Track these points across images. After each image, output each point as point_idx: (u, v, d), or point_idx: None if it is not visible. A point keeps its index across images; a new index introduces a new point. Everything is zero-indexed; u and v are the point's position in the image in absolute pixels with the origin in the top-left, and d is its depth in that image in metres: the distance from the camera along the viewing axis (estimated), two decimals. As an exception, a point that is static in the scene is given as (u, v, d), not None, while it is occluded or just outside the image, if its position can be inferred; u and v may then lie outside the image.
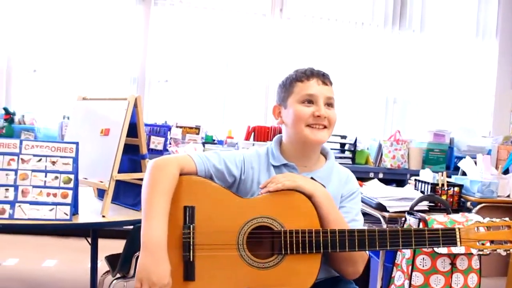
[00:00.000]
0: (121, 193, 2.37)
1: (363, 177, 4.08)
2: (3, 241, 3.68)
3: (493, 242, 1.38)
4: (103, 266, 2.39)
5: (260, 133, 4.33)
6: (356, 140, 4.43)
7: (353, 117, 5.02)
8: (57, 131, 4.12)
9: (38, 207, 1.94)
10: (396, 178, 4.37)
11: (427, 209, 2.66)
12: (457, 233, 1.38)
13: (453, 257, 2.37)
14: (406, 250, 2.45)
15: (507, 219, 1.42)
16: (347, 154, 4.48)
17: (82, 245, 2.83)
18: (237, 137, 4.42)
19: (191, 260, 1.38)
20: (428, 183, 2.83)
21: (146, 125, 3.77)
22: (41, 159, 1.98)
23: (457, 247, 1.41)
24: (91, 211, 2.18)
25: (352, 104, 5.04)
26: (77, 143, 2.03)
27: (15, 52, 4.54)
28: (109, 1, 4.64)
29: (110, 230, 3.62)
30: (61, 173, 1.99)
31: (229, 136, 4.42)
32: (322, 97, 1.52)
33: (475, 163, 3.06)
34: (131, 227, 1.97)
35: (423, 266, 2.36)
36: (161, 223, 1.34)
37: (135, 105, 2.22)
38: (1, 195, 1.91)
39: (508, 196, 2.92)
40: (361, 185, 2.99)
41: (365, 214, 2.86)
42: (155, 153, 3.67)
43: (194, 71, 4.78)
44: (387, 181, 3.98)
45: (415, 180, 3.00)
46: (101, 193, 2.40)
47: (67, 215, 1.96)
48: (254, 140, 4.31)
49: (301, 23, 4.94)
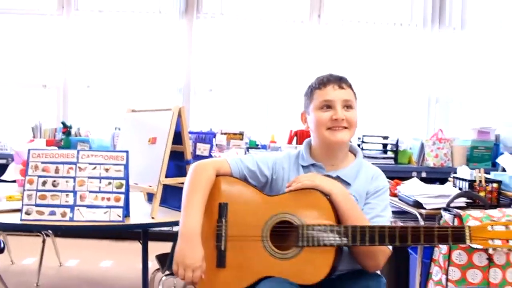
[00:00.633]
0: (169, 196, 2.54)
1: (406, 177, 4.10)
2: (65, 244, 3.96)
3: (508, 241, 1.38)
4: (154, 265, 2.57)
5: (302, 137, 4.45)
6: (398, 140, 4.47)
7: (395, 118, 5.05)
8: (109, 141, 4.40)
9: (94, 210, 2.14)
10: (439, 177, 4.34)
11: (465, 205, 2.68)
12: (467, 231, 1.40)
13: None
14: (442, 246, 2.50)
15: None
16: (390, 154, 4.52)
17: (135, 247, 3.04)
18: (279, 142, 4.55)
19: (223, 249, 1.57)
20: (465, 180, 2.85)
21: (192, 133, 3.95)
22: (95, 167, 2.18)
23: (466, 244, 1.42)
24: (141, 213, 2.37)
25: (393, 104, 5.07)
26: (127, 152, 2.22)
27: (70, 70, 4.89)
28: (154, 18, 4.90)
29: (160, 232, 3.84)
30: (113, 179, 2.18)
31: (272, 140, 4.56)
32: (339, 101, 1.64)
33: (515, 159, 3.05)
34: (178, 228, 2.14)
35: (460, 261, 2.40)
36: (196, 216, 1.55)
37: (179, 115, 2.39)
38: (62, 200, 2.12)
39: (549, 191, 2.90)
40: (399, 184, 3.05)
41: (403, 212, 2.93)
42: (202, 159, 3.84)
43: (236, 79, 4.97)
44: (430, 180, 3.99)
45: (454, 177, 3.03)
46: (150, 197, 2.58)
47: (119, 217, 2.15)
48: (296, 143, 4.43)
49: (339, 28, 5.02)
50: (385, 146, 4.56)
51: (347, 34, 5.03)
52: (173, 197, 2.54)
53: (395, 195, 2.98)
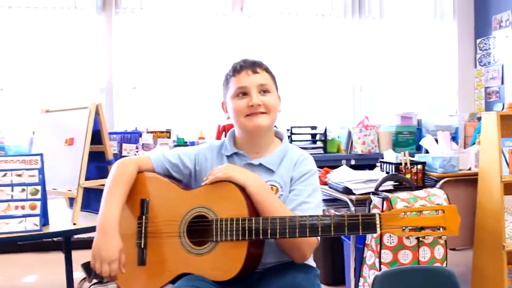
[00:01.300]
0: (92, 200, 2.40)
1: (336, 165, 4.15)
2: (-18, 261, 3.68)
3: (423, 228, 1.31)
4: (83, 275, 2.43)
5: (231, 131, 4.38)
6: (326, 129, 4.51)
7: (322, 107, 5.11)
8: (27, 147, 4.12)
9: (7, 220, 1.96)
10: (368, 163, 4.42)
11: (393, 188, 2.74)
12: (377, 219, 1.33)
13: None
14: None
15: (444, 202, 1.35)
16: (319, 144, 4.55)
17: (60, 258, 2.85)
18: (208, 137, 4.47)
19: (143, 246, 1.54)
20: (392, 164, 2.91)
21: (116, 133, 3.78)
22: (6, 174, 2.00)
23: (376, 233, 1.35)
24: (62, 220, 2.21)
25: (319, 94, 5.13)
26: (41, 155, 2.06)
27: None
28: (69, 14, 4.64)
29: (85, 240, 3.64)
30: (27, 185, 2.01)
31: (200, 137, 4.47)
32: (254, 87, 1.58)
33: (436, 140, 3.16)
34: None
35: (391, 243, 2.44)
36: (114, 207, 1.50)
37: (97, 113, 2.26)
38: (-32, 212, 1.93)
39: (469, 169, 3.02)
40: (329, 172, 3.07)
41: (334, 199, 2.95)
42: (128, 160, 3.68)
43: (161, 76, 4.82)
44: (359, 167, 4.05)
45: (381, 162, 3.09)
46: (72, 202, 2.42)
47: (37, 225, 1.99)
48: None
49: (262, 20, 5.01)
50: (314, 136, 4.59)
51: (270, 26, 5.02)
52: (96, 200, 2.38)
53: (325, 184, 2.99)
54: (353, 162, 4.43)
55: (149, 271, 1.52)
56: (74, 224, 2.11)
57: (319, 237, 1.48)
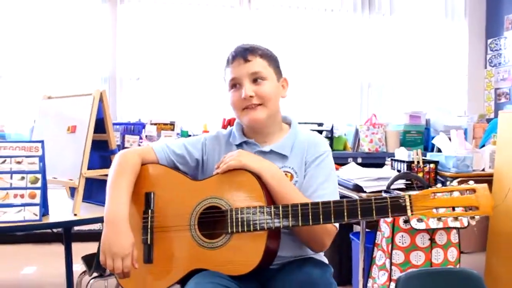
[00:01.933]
0: (94, 190, 2.32)
1: (342, 163, 4.07)
2: (-21, 252, 3.60)
3: (454, 209, 1.22)
4: (83, 268, 2.34)
5: (236, 125, 4.30)
6: (332, 126, 4.42)
7: (329, 104, 5.02)
8: (28, 135, 4.03)
9: (5, 209, 1.88)
10: (375, 162, 4.34)
11: (404, 187, 2.65)
12: (407, 200, 1.24)
13: (431, 232, 2.37)
14: (385, 229, 2.45)
15: (472, 182, 1.26)
16: (325, 141, 4.46)
17: (60, 250, 2.77)
18: (213, 131, 4.37)
19: (149, 243, 1.43)
20: (404, 162, 2.83)
21: (119, 124, 3.71)
22: (5, 160, 1.92)
23: (407, 215, 1.23)
24: (63, 211, 2.13)
25: (327, 91, 5.03)
26: (42, 142, 1.97)
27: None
28: (74, 2, 4.55)
29: (86, 232, 3.57)
30: (27, 173, 1.93)
31: (205, 130, 4.38)
32: (245, 77, 1.48)
33: (449, 139, 3.07)
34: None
35: (403, 243, 2.36)
36: (122, 199, 1.40)
37: (101, 100, 2.17)
38: (-35, 199, 1.85)
39: (483, 169, 2.94)
40: (338, 169, 2.98)
41: (342, 196, 2.86)
42: (130, 151, 3.60)
43: (165, 67, 4.72)
44: (366, 165, 3.95)
45: (391, 160, 3.00)
46: (73, 193, 2.34)
47: (36, 215, 1.90)
48: (230, 132, 4.27)
49: (270, 13, 4.91)
50: (320, 132, 4.49)
51: (278, 20, 4.93)
52: (98, 191, 2.32)
53: (335, 180, 2.90)
54: (359, 160, 4.34)
55: (157, 269, 1.41)
56: (75, 215, 2.02)
57: (337, 225, 1.40)
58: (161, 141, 3.73)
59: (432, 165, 2.81)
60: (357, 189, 2.65)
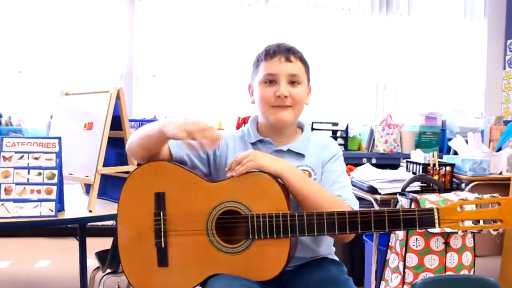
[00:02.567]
0: (109, 187, 2.34)
1: (356, 163, 4.05)
2: (-5, 244, 3.65)
3: (478, 221, 1.26)
4: (96, 263, 2.37)
5: (250, 124, 4.29)
6: (347, 126, 4.40)
7: (344, 104, 5.00)
8: (45, 130, 4.08)
9: (22, 204, 1.90)
10: (389, 162, 4.32)
11: (420, 189, 2.63)
12: (435, 214, 1.27)
13: (446, 236, 2.35)
14: (399, 232, 2.43)
15: (497, 194, 1.29)
16: (340, 141, 4.44)
17: (74, 244, 2.80)
18: (227, 129, 4.38)
19: (163, 246, 1.38)
20: (419, 164, 2.80)
21: (135, 121, 3.71)
22: (23, 156, 1.94)
23: (435, 228, 1.29)
24: (78, 207, 2.14)
25: (342, 90, 5.01)
26: (59, 138, 1.99)
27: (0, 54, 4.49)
28: (92, -1, 4.59)
29: (100, 228, 3.60)
30: (44, 169, 1.94)
31: (219, 128, 4.38)
32: (284, 76, 1.48)
33: (466, 142, 3.04)
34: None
35: (417, 246, 2.34)
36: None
37: (118, 97, 2.18)
38: (-17, 194, 1.87)
39: (500, 173, 2.90)
40: (353, 170, 2.97)
41: (357, 198, 2.84)
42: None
43: (181, 65, 4.74)
44: (380, 166, 3.92)
45: (407, 161, 2.98)
46: (88, 189, 2.35)
47: (52, 211, 1.92)
48: (245, 131, 4.27)
49: (287, 12, 4.90)
50: (334, 132, 4.48)
51: (295, 18, 4.91)
52: (113, 188, 2.34)
53: (349, 181, 2.89)
54: (374, 161, 4.32)
55: (173, 273, 1.38)
56: (90, 211, 2.03)
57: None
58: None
59: (448, 168, 2.78)
60: (372, 190, 2.64)
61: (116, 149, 2.28)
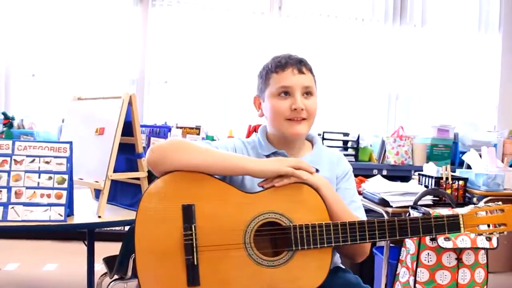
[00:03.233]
0: (118, 193, 2.33)
1: (367, 174, 4.02)
2: (3, 247, 3.64)
3: (489, 226, 1.41)
4: (103, 269, 2.35)
5: (261, 132, 4.28)
6: (358, 137, 4.38)
7: (356, 114, 4.97)
8: (56, 134, 4.09)
9: (32, 208, 1.90)
10: (400, 174, 4.29)
11: (432, 203, 2.60)
12: (461, 219, 1.38)
13: (458, 251, 2.31)
14: (410, 245, 2.39)
15: (500, 203, 1.44)
16: (350, 151, 4.42)
17: (82, 248, 2.79)
18: (238, 137, 4.37)
19: (195, 263, 1.27)
20: (432, 177, 2.77)
21: (145, 126, 3.70)
22: (34, 160, 1.94)
23: (460, 232, 1.41)
24: (87, 212, 2.13)
25: (354, 101, 4.99)
26: (70, 143, 1.99)
27: (13, 56, 4.52)
28: (106, 4, 4.61)
29: (108, 233, 3.59)
30: (55, 173, 1.94)
31: (230, 136, 4.38)
32: (298, 88, 1.46)
33: (480, 156, 2.99)
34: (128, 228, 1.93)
35: (428, 261, 2.30)
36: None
37: (130, 103, 2.17)
38: (-7, 197, 1.87)
39: (514, 189, 2.86)
40: (364, 181, 2.94)
41: (367, 210, 2.81)
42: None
43: (193, 72, 4.75)
44: (391, 178, 3.90)
45: (419, 174, 2.94)
46: (98, 194, 2.34)
47: (61, 216, 1.91)
48: (255, 139, 4.26)
49: (300, 21, 4.90)
50: (345, 142, 4.46)
51: (308, 27, 4.91)
52: (122, 194, 2.33)
53: (360, 193, 2.86)
54: (384, 172, 4.29)
55: None
56: (99, 217, 2.02)
57: None
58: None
59: (461, 182, 2.75)
60: (383, 203, 2.61)
61: (126, 155, 2.27)
